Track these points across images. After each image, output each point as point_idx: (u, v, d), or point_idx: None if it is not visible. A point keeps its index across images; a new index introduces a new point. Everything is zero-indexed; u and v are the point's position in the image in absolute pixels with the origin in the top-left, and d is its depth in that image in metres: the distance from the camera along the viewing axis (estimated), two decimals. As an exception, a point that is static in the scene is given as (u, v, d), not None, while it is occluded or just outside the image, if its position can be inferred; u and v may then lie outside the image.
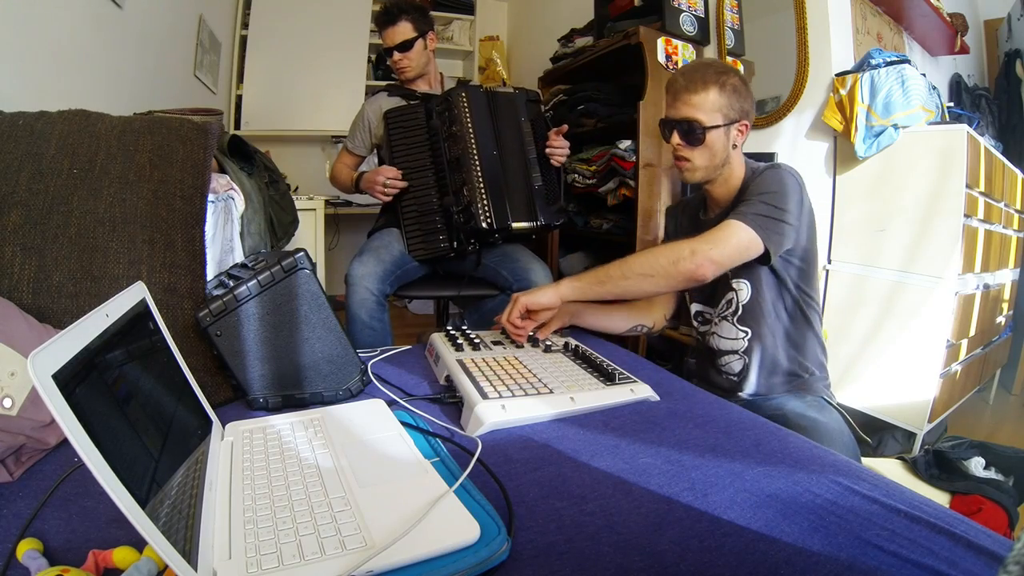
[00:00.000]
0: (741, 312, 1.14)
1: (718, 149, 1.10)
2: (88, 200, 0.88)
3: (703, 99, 1.07)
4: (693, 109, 1.08)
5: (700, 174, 1.13)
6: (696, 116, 1.08)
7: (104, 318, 0.48)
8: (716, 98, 1.07)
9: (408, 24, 1.67)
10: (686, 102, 1.09)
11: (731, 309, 1.15)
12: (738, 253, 1.02)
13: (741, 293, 1.14)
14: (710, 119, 1.08)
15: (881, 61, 1.68)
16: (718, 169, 1.13)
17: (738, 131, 1.11)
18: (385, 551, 0.46)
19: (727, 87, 1.08)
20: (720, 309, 1.17)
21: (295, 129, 3.39)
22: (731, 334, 1.17)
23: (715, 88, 1.07)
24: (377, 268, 1.55)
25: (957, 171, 1.60)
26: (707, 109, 1.07)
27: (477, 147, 1.52)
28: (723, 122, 1.08)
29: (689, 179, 1.14)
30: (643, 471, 0.65)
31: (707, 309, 1.23)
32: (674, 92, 1.11)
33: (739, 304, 1.14)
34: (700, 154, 1.10)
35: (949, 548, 0.50)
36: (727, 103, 1.08)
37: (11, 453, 0.62)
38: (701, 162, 1.11)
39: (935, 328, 1.65)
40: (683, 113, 1.09)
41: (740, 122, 1.10)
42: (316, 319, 0.83)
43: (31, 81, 1.37)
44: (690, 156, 1.11)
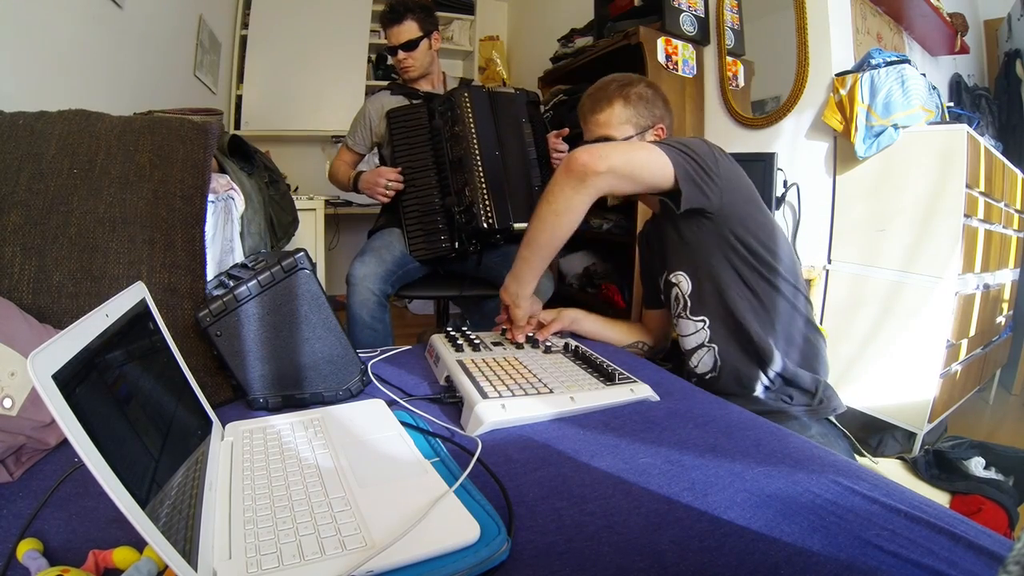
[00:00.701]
0: (690, 304, 1.11)
1: None
2: (88, 200, 0.88)
3: (609, 115, 1.09)
4: (602, 127, 1.09)
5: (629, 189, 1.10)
6: (606, 133, 1.09)
7: (104, 318, 0.48)
8: (621, 111, 1.08)
9: (413, 23, 1.67)
10: (595, 123, 1.10)
11: (680, 305, 1.13)
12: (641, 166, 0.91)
13: (681, 285, 1.10)
14: (620, 132, 1.08)
15: (881, 61, 1.68)
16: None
17: (655, 136, 1.11)
18: (385, 551, 0.46)
19: (631, 97, 1.09)
20: (674, 310, 1.14)
21: (295, 129, 3.40)
22: (689, 329, 1.13)
23: (619, 102, 1.08)
24: (379, 268, 1.55)
25: (957, 171, 1.61)
26: (615, 124, 1.09)
27: (479, 147, 1.52)
28: (634, 132, 1.09)
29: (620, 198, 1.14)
30: (643, 471, 0.65)
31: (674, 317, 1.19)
32: (583, 116, 1.13)
33: (684, 296, 1.11)
34: None
35: (949, 548, 0.50)
36: (634, 112, 1.09)
37: (11, 453, 0.62)
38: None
39: (935, 328, 1.65)
40: (595, 133, 1.10)
41: (655, 127, 1.11)
42: (316, 319, 0.83)
43: (31, 81, 1.37)
44: None
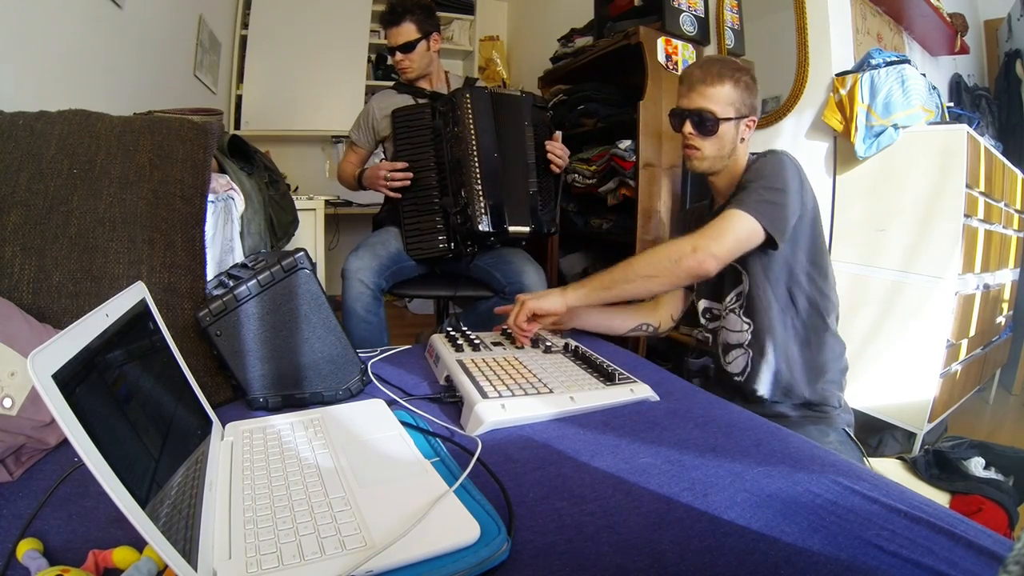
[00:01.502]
0: (745, 304, 1.15)
1: (727, 141, 1.13)
2: (88, 200, 0.88)
3: (718, 91, 1.10)
4: (707, 100, 1.11)
5: (707, 164, 1.16)
6: (710, 107, 1.11)
7: (104, 318, 0.48)
8: (730, 92, 1.10)
9: (411, 25, 1.68)
10: (701, 93, 1.11)
11: (739, 301, 1.17)
12: (738, 244, 1.02)
13: (746, 284, 1.15)
14: (723, 111, 1.11)
15: (881, 61, 1.68)
16: (724, 160, 1.15)
17: (746, 126, 1.14)
18: (385, 551, 0.46)
19: (741, 83, 1.11)
20: (728, 302, 1.18)
21: (295, 129, 3.39)
22: (736, 326, 1.18)
23: (730, 82, 1.10)
24: (372, 262, 1.56)
25: (957, 171, 1.60)
26: (721, 101, 1.10)
27: (478, 149, 1.52)
28: (735, 115, 1.11)
29: (696, 168, 1.17)
30: (643, 471, 0.65)
31: (714, 304, 1.23)
32: (689, 83, 1.14)
33: (744, 294, 1.15)
34: (711, 144, 1.13)
35: (949, 548, 0.50)
36: (739, 98, 1.11)
37: (11, 453, 0.62)
38: (710, 152, 1.14)
39: (935, 328, 1.65)
40: (697, 103, 1.12)
41: (749, 117, 1.14)
42: (316, 319, 0.83)
43: (31, 81, 1.37)
44: (700, 145, 1.14)
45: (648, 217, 2.14)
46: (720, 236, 1.01)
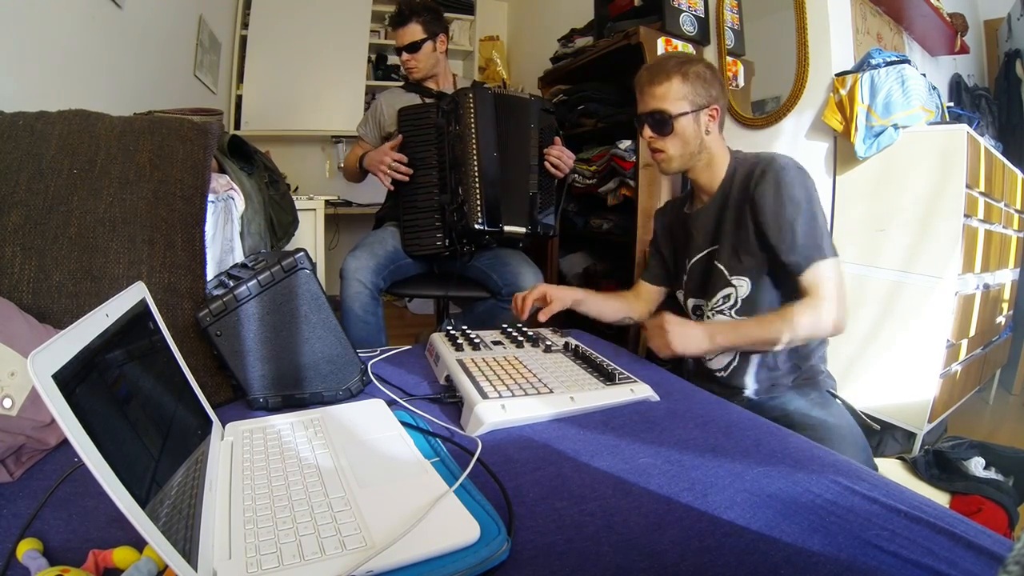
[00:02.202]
0: (740, 306, 1.14)
1: (689, 136, 1.12)
2: (88, 200, 0.88)
3: (666, 89, 1.10)
4: (658, 100, 1.11)
5: (676, 163, 1.15)
6: (661, 106, 1.11)
7: (104, 318, 0.48)
8: (679, 87, 1.09)
9: (418, 26, 1.70)
10: (651, 95, 1.12)
11: (729, 303, 1.15)
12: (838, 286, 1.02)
13: (741, 289, 1.13)
14: (676, 107, 1.10)
15: (881, 61, 1.68)
16: (694, 156, 1.14)
17: (709, 116, 1.12)
18: (385, 551, 0.46)
19: (690, 75, 1.10)
20: (715, 303, 1.17)
21: (295, 129, 3.39)
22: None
23: (677, 77, 1.09)
24: (370, 262, 1.56)
25: (957, 171, 1.60)
26: (671, 98, 1.10)
27: (478, 148, 1.52)
28: (690, 108, 1.10)
29: (666, 170, 1.17)
30: (643, 471, 0.65)
31: (700, 302, 1.23)
32: (639, 87, 1.15)
33: (738, 299, 1.14)
34: (672, 143, 1.13)
35: (949, 548, 0.50)
36: (691, 90, 1.10)
37: (11, 453, 0.62)
38: (674, 151, 1.13)
39: (935, 328, 1.65)
40: (650, 106, 1.12)
41: (709, 107, 1.12)
42: (316, 319, 0.83)
43: (31, 81, 1.37)
44: (663, 147, 1.14)
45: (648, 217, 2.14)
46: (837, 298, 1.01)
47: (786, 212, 1.02)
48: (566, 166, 1.63)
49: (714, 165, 1.16)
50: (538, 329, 1.19)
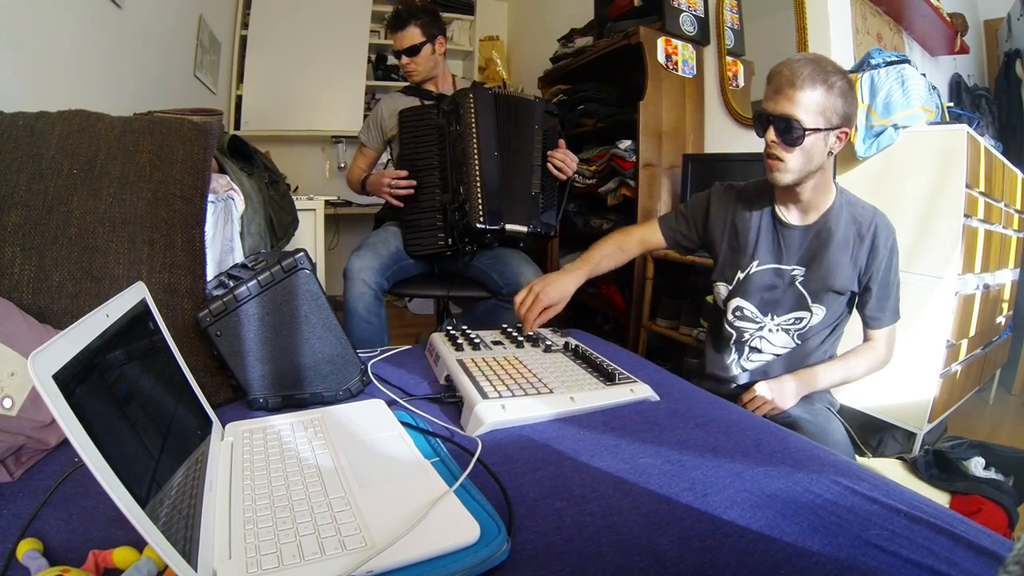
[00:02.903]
0: (806, 331, 1.16)
1: (815, 154, 1.02)
2: (88, 200, 0.88)
3: (808, 97, 0.98)
4: (795, 106, 0.99)
5: (790, 176, 1.05)
6: (797, 114, 0.99)
7: (104, 318, 0.48)
8: (822, 99, 0.98)
9: (416, 29, 1.70)
10: (789, 97, 0.99)
11: (798, 326, 1.17)
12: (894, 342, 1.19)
13: (815, 317, 1.15)
14: (812, 120, 0.99)
15: (881, 61, 1.68)
16: (809, 175, 1.06)
17: (837, 138, 1.03)
18: (385, 551, 0.46)
19: (835, 88, 0.99)
20: (784, 321, 1.17)
21: (295, 129, 3.39)
22: (783, 343, 1.19)
23: (823, 87, 0.98)
24: (374, 262, 1.56)
25: (957, 171, 1.60)
26: (810, 109, 0.99)
27: (479, 147, 1.52)
28: (825, 125, 1.00)
29: (779, 181, 1.07)
30: (643, 471, 0.65)
31: (754, 311, 1.20)
32: (777, 84, 1.01)
33: (808, 324, 1.16)
34: (795, 156, 1.02)
35: (949, 548, 0.50)
36: (832, 106, 0.99)
37: (11, 453, 0.62)
38: (795, 164, 1.03)
39: (935, 328, 1.65)
40: (784, 109, 1.00)
41: (841, 129, 1.02)
42: (316, 319, 0.83)
43: (31, 81, 1.37)
44: (784, 156, 1.03)
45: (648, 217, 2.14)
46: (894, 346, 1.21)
47: (892, 278, 1.14)
48: (570, 169, 1.63)
49: (821, 188, 1.10)
50: (538, 329, 1.19)
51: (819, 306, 1.15)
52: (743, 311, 1.21)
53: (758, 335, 1.20)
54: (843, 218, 1.12)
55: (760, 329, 1.20)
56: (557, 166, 1.60)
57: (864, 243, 1.11)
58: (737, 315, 1.22)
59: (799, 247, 1.15)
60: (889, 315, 1.15)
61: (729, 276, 1.23)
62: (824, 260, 1.12)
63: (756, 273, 1.19)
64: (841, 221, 1.12)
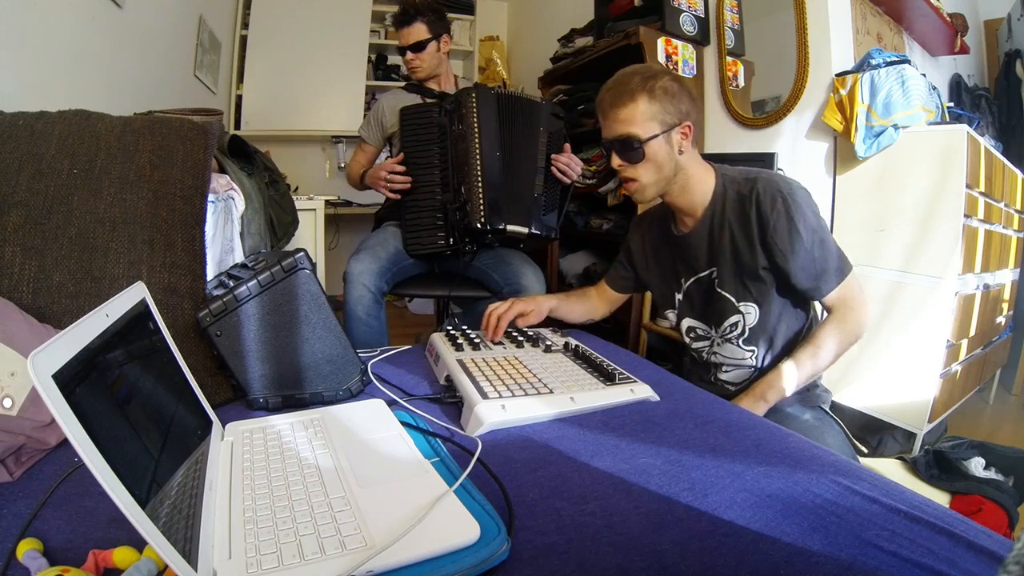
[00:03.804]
0: (748, 334, 1.10)
1: (662, 160, 1.03)
2: (88, 200, 0.88)
3: (632, 112, 1.00)
4: (624, 124, 1.01)
5: (651, 190, 1.06)
6: (629, 131, 1.01)
7: (104, 318, 0.48)
8: (647, 107, 0.99)
9: (423, 26, 1.71)
10: (615, 119, 1.02)
11: (736, 332, 1.11)
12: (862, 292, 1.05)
13: (749, 317, 1.09)
14: (646, 130, 1.00)
15: (881, 61, 1.68)
16: (670, 181, 1.06)
17: (681, 135, 1.03)
18: (385, 551, 0.46)
19: (656, 92, 1.00)
20: (723, 331, 1.12)
21: (295, 129, 3.40)
22: (736, 355, 1.13)
23: (643, 96, 0.99)
24: (374, 265, 1.56)
25: (957, 171, 1.60)
26: (639, 121, 1.00)
27: (480, 147, 1.52)
28: (660, 130, 1.00)
29: (641, 199, 1.08)
30: (643, 471, 0.65)
31: (702, 326, 1.18)
32: (602, 111, 1.05)
33: (745, 327, 1.10)
34: (645, 170, 1.04)
35: (949, 548, 0.50)
36: (660, 108, 1.00)
37: (11, 453, 0.62)
38: (648, 178, 1.04)
39: (935, 328, 1.65)
40: (616, 131, 1.02)
41: (681, 125, 1.02)
42: (316, 319, 0.83)
43: (31, 81, 1.37)
44: (635, 175, 1.05)
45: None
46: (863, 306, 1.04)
47: (803, 242, 0.99)
48: (574, 173, 1.63)
49: (692, 186, 1.07)
50: (538, 329, 1.19)
51: (747, 304, 1.07)
52: (695, 331, 1.18)
53: (713, 351, 1.16)
54: (729, 200, 1.06)
55: (712, 344, 1.16)
56: (561, 170, 1.61)
57: (751, 216, 1.02)
58: (692, 336, 1.20)
59: (700, 251, 1.11)
60: (827, 278, 1.02)
61: (671, 301, 1.22)
62: (725, 252, 1.07)
63: (688, 288, 1.17)
64: (728, 204, 1.06)
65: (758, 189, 1.02)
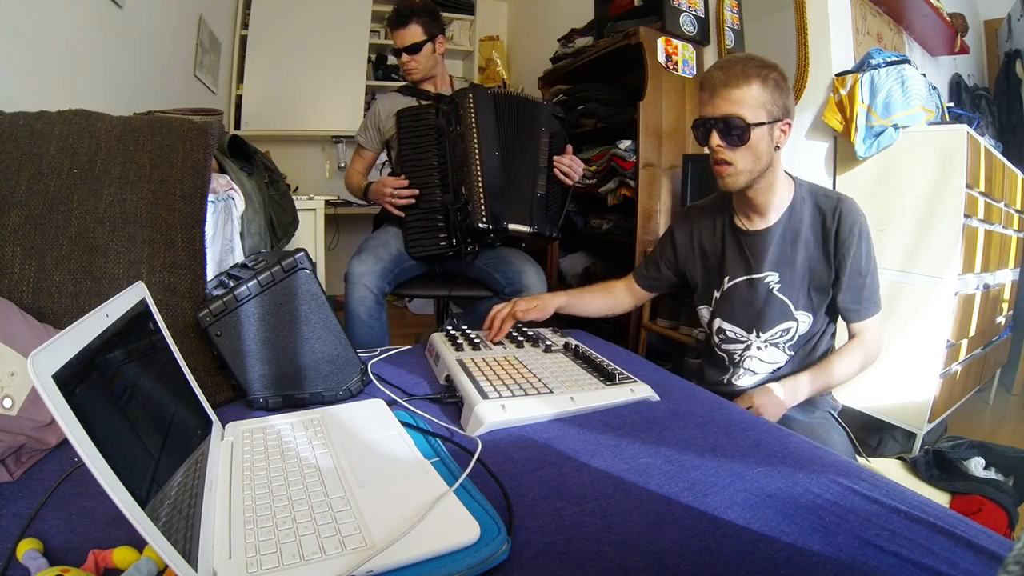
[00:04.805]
0: (795, 340, 1.11)
1: (762, 150, 1.00)
2: (88, 200, 0.88)
3: (745, 93, 0.97)
4: (734, 105, 0.97)
5: (743, 179, 1.03)
6: (738, 112, 0.97)
7: (104, 318, 0.48)
8: (759, 93, 0.97)
9: (418, 27, 1.70)
10: (726, 97, 0.98)
11: (787, 338, 1.11)
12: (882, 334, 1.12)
13: (802, 325, 1.09)
14: (753, 115, 0.97)
15: (881, 61, 1.68)
16: (762, 174, 1.03)
17: (781, 131, 1.01)
18: (385, 551, 0.46)
19: (769, 81, 0.98)
20: (772, 336, 1.11)
21: (295, 129, 3.40)
22: (775, 359, 1.13)
23: (757, 82, 0.97)
24: (376, 266, 1.56)
25: (957, 171, 1.60)
26: (750, 104, 0.97)
27: (479, 147, 1.52)
28: (767, 119, 0.98)
29: (731, 185, 1.04)
30: (643, 471, 0.65)
31: (735, 329, 1.15)
32: (711, 88, 1.00)
33: (797, 334, 1.10)
34: (743, 156, 1.00)
35: (949, 548, 0.50)
36: (770, 99, 0.98)
37: (11, 453, 0.62)
38: (744, 165, 1.01)
39: (935, 328, 1.65)
40: (723, 110, 0.98)
41: (783, 120, 1.01)
42: (316, 319, 0.83)
43: (31, 81, 1.37)
44: (732, 159, 1.01)
45: (648, 217, 2.14)
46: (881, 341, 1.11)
47: (865, 266, 1.06)
48: (576, 175, 1.64)
49: (776, 187, 1.07)
50: (538, 329, 1.19)
51: (804, 312, 1.09)
52: (725, 333, 1.17)
53: (747, 355, 1.14)
54: (807, 211, 1.07)
55: (747, 348, 1.14)
56: (564, 172, 1.61)
57: (831, 232, 1.05)
58: (721, 337, 1.18)
59: (767, 252, 1.09)
60: (868, 306, 1.07)
61: (708, 298, 1.20)
62: (796, 260, 1.07)
63: (730, 288, 1.14)
64: (806, 215, 1.07)
65: (842, 208, 1.06)
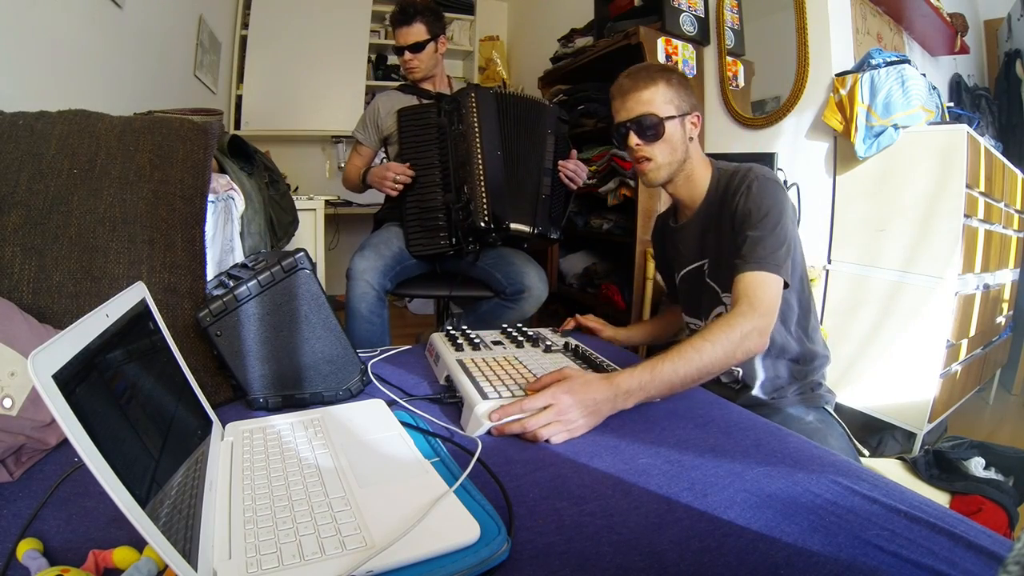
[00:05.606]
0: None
1: (677, 142, 1.09)
2: (88, 200, 0.88)
3: (653, 93, 1.07)
4: (645, 104, 1.07)
5: (664, 172, 1.10)
6: (650, 110, 1.07)
7: (104, 318, 0.48)
8: (665, 91, 1.07)
9: (422, 26, 1.71)
10: (637, 99, 1.08)
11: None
12: (777, 306, 0.93)
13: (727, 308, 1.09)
14: (664, 111, 1.07)
15: (881, 61, 1.68)
16: (680, 166, 1.11)
17: (691, 123, 1.10)
18: (385, 551, 0.46)
19: (673, 80, 1.08)
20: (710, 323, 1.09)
21: (295, 129, 3.40)
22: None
23: (663, 82, 1.07)
24: (378, 263, 1.56)
25: (957, 171, 1.61)
26: (659, 102, 1.07)
27: (482, 146, 1.52)
28: (676, 113, 1.07)
29: (653, 180, 1.12)
30: (643, 471, 0.65)
31: (694, 321, 1.20)
32: (622, 94, 1.11)
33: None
34: (660, 150, 1.08)
35: (949, 548, 0.50)
36: (676, 95, 1.08)
37: (11, 453, 0.62)
38: (663, 158, 1.09)
39: (935, 328, 1.65)
40: (636, 111, 1.08)
41: (692, 114, 1.10)
42: (316, 319, 0.83)
43: (31, 81, 1.37)
44: (651, 154, 1.09)
45: (648, 217, 2.14)
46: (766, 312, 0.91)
47: (751, 217, 0.99)
48: (580, 179, 1.65)
49: (695, 177, 1.13)
50: (538, 329, 1.19)
51: (729, 295, 1.01)
52: (690, 327, 1.22)
53: None
54: (720, 191, 1.10)
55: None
56: (569, 176, 1.61)
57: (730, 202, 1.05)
58: (690, 331, 1.23)
59: (690, 243, 1.16)
60: (756, 261, 0.94)
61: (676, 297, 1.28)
62: (710, 242, 1.11)
63: (680, 282, 1.22)
64: (719, 196, 1.10)
65: (738, 176, 1.07)
